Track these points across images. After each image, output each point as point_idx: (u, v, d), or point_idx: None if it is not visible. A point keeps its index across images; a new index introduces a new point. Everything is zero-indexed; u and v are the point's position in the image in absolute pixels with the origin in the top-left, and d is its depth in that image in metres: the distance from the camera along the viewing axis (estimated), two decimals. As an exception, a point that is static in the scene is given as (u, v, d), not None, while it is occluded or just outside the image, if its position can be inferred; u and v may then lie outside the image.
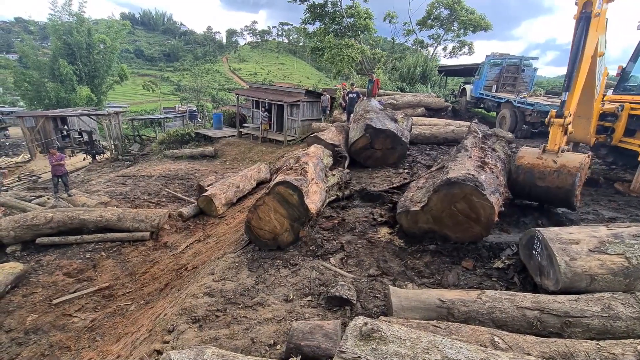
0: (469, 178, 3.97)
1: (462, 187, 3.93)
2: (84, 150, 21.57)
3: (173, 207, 10.10)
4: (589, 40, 4.83)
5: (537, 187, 4.75)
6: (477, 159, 4.77)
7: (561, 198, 4.64)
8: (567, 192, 4.51)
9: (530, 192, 4.92)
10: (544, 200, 5.00)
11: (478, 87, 16.62)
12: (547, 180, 4.64)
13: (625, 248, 2.99)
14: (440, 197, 4.07)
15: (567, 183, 4.48)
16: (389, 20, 28.57)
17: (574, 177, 4.42)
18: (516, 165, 5.00)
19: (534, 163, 4.80)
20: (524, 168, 4.86)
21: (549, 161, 4.68)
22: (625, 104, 6.38)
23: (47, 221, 7.67)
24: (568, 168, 4.50)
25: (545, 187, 4.66)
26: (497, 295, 2.88)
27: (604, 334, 2.58)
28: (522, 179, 4.89)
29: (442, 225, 4.24)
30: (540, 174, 4.71)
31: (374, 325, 1.84)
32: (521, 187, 4.92)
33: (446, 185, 4.00)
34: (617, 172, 7.47)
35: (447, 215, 4.15)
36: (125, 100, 56.45)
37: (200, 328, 3.22)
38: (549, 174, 4.63)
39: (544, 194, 4.77)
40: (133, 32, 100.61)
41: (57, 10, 30.01)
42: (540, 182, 4.71)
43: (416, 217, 4.33)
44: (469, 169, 4.26)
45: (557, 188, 4.55)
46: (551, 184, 4.59)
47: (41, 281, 6.46)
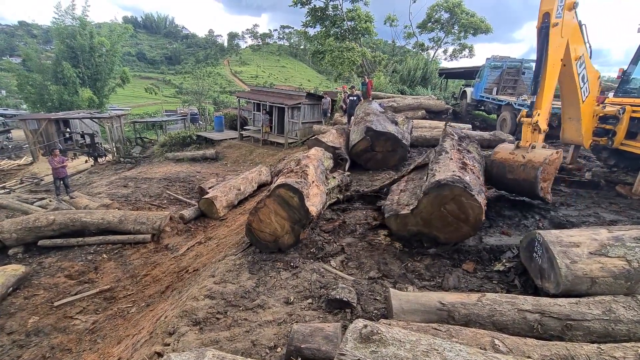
0: (457, 179, 4.03)
1: (452, 188, 3.97)
2: (86, 153, 21.66)
3: (174, 209, 10.12)
4: (552, 48, 5.32)
5: (507, 179, 5.27)
6: (457, 160, 4.87)
7: (526, 189, 5.14)
8: (530, 184, 4.97)
9: (501, 183, 5.49)
10: (513, 191, 5.58)
11: (479, 89, 16.63)
12: (515, 173, 5.14)
13: (626, 251, 2.99)
14: (430, 200, 4.10)
15: (531, 176, 4.94)
16: (390, 23, 28.66)
17: (536, 170, 4.86)
18: (491, 159, 5.55)
19: (506, 158, 5.32)
20: (497, 162, 5.42)
21: (519, 156, 5.17)
22: (627, 107, 6.37)
23: (49, 223, 7.69)
24: (533, 162, 4.95)
25: (514, 179, 5.17)
26: (497, 298, 2.88)
27: (605, 337, 2.57)
28: (495, 172, 5.45)
29: (432, 227, 4.28)
30: (510, 168, 5.21)
31: (374, 327, 1.84)
32: (494, 179, 5.50)
33: (436, 188, 4.04)
34: (619, 174, 7.45)
35: (436, 217, 4.19)
36: (127, 103, 56.74)
37: (200, 330, 3.23)
38: (517, 167, 5.13)
39: (512, 185, 5.30)
40: (135, 35, 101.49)
41: (61, 14, 30.26)
42: (510, 174, 5.22)
43: (405, 220, 4.37)
44: (454, 171, 4.33)
45: (523, 180, 5.04)
46: (518, 176, 5.09)
47: (43, 283, 6.47)
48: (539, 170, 4.87)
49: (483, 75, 16.31)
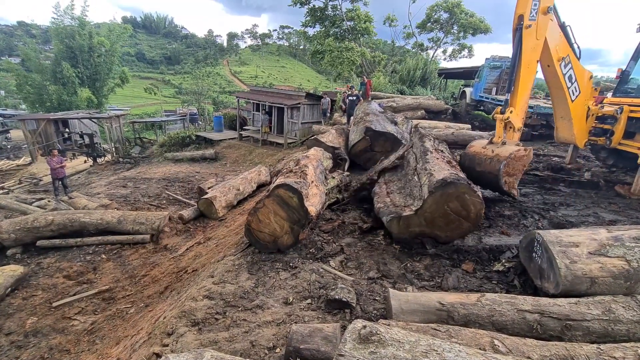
0: (460, 177, 4.07)
1: (457, 186, 3.98)
2: (85, 153, 21.63)
3: (173, 209, 10.10)
4: (527, 48, 5.55)
5: (475, 172, 5.50)
6: (442, 159, 4.89)
7: (490, 181, 5.38)
8: (494, 177, 5.23)
9: (470, 176, 5.51)
10: (480, 183, 5.57)
11: (478, 89, 16.64)
12: (482, 166, 5.44)
13: (625, 251, 2.99)
14: (436, 198, 4.09)
15: (495, 168, 5.20)
16: (389, 23, 28.70)
17: (500, 163, 5.11)
18: (464, 152, 5.89)
19: (478, 151, 5.64)
20: (469, 155, 5.77)
21: (489, 150, 5.45)
22: (625, 107, 6.38)
23: (47, 224, 7.68)
24: (499, 156, 5.21)
25: (481, 172, 5.44)
26: (497, 298, 2.87)
27: (605, 337, 2.57)
28: (466, 164, 5.73)
29: (434, 226, 4.27)
30: (479, 160, 5.52)
31: (373, 328, 1.83)
32: (465, 171, 5.53)
33: (442, 186, 4.03)
34: (618, 174, 7.46)
35: (439, 216, 4.18)
36: (127, 103, 56.70)
37: (199, 331, 3.22)
38: (485, 160, 5.42)
39: (479, 177, 5.44)
40: (135, 35, 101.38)
41: (60, 14, 30.21)
42: (478, 167, 5.51)
43: (408, 221, 4.33)
44: (448, 169, 4.37)
45: (488, 172, 5.32)
46: (484, 168, 5.39)
47: (41, 284, 6.46)
48: (503, 163, 5.09)
49: (482, 75, 16.32)
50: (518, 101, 5.71)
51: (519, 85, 5.66)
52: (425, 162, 4.88)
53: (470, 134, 11.24)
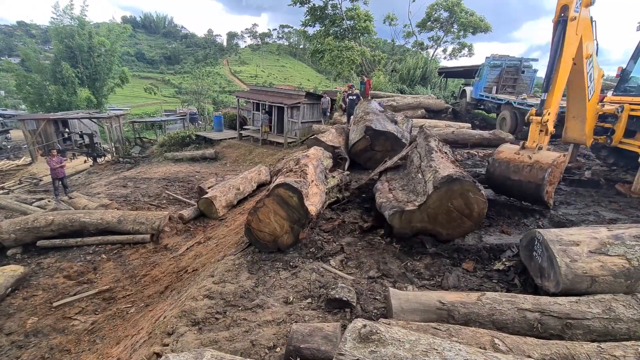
0: (465, 174, 4.06)
1: (462, 183, 3.97)
2: (85, 153, 21.63)
3: (174, 209, 10.10)
4: (567, 43, 5.14)
5: (511, 181, 5.03)
6: (446, 159, 4.88)
7: (531, 192, 4.87)
8: (536, 187, 4.73)
9: (503, 185, 5.20)
10: (516, 194, 5.21)
11: (478, 88, 16.63)
12: (520, 174, 4.90)
13: (626, 249, 2.98)
14: (440, 195, 4.07)
15: (538, 177, 4.70)
16: (389, 22, 28.66)
17: (544, 172, 4.64)
18: (493, 158, 5.31)
19: (511, 158, 5.11)
20: (501, 161, 5.18)
21: (524, 157, 4.97)
22: (625, 105, 6.37)
23: (47, 224, 7.68)
24: (540, 163, 4.74)
25: (518, 181, 4.93)
26: (497, 297, 2.87)
27: (605, 335, 2.57)
28: (497, 172, 5.21)
29: (436, 223, 4.26)
30: (515, 168, 4.97)
31: (373, 327, 1.83)
32: (496, 179, 5.23)
33: (447, 182, 4.02)
34: (618, 173, 7.45)
35: (442, 212, 4.16)
36: (127, 103, 56.70)
37: (199, 331, 3.21)
38: (523, 168, 4.88)
39: (515, 187, 5.01)
40: (134, 35, 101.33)
41: (59, 14, 30.20)
42: (514, 175, 4.96)
43: (411, 216, 4.31)
44: (452, 167, 4.35)
45: (528, 182, 4.80)
46: (523, 177, 4.86)
47: (41, 284, 6.46)
48: (547, 172, 4.61)
49: (482, 74, 16.31)
50: (554, 102, 5.26)
51: (556, 84, 5.20)
52: (430, 160, 4.85)
53: (471, 133, 11.24)
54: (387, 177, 5.83)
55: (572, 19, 5.06)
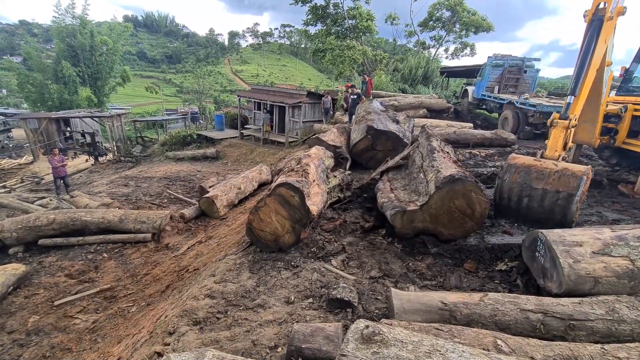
0: (467, 175, 4.03)
1: (465, 183, 3.95)
2: (86, 152, 21.66)
3: (175, 208, 10.11)
4: (599, 45, 4.68)
5: (532, 189, 4.10)
6: (448, 159, 4.83)
7: (559, 205, 3.92)
8: (568, 198, 3.82)
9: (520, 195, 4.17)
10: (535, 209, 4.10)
11: (480, 88, 16.58)
12: (547, 182, 3.96)
13: (629, 250, 2.96)
14: (442, 195, 4.06)
15: (570, 186, 3.79)
16: (391, 21, 28.62)
17: (579, 179, 3.79)
18: (508, 163, 4.43)
19: (532, 164, 4.29)
20: (520, 167, 4.26)
21: (549, 164, 4.20)
22: (629, 105, 6.34)
23: (49, 222, 7.69)
24: (572, 171, 3.94)
25: (543, 190, 3.99)
26: (500, 297, 2.85)
27: (609, 337, 2.55)
28: (513, 180, 4.20)
29: (438, 223, 4.24)
30: (539, 174, 4.06)
31: (376, 328, 1.82)
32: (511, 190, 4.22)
33: (450, 182, 4.00)
34: (621, 173, 7.42)
35: (444, 212, 4.15)
36: (128, 102, 56.80)
37: (201, 330, 3.21)
38: (550, 174, 3.97)
39: (538, 198, 4.05)
40: (136, 34, 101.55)
41: (61, 13, 30.26)
42: (537, 183, 4.04)
43: (413, 216, 4.30)
44: (455, 168, 4.32)
45: (556, 191, 3.90)
46: (551, 186, 3.92)
47: (43, 282, 6.47)
48: (582, 180, 3.76)
49: (484, 73, 16.26)
50: (579, 105, 4.69)
51: (584, 87, 4.66)
52: (432, 160, 4.81)
53: (473, 132, 11.20)
54: (389, 176, 5.82)
55: (608, 19, 4.61)
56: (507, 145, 10.59)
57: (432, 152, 5.09)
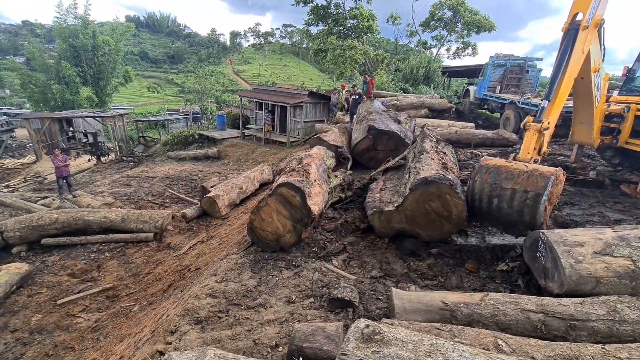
0: (443, 177, 4.04)
1: (439, 185, 3.97)
2: (88, 152, 21.75)
3: (177, 208, 10.14)
4: (575, 54, 4.75)
5: (501, 190, 4.01)
6: (438, 160, 4.84)
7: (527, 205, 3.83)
8: (535, 197, 3.76)
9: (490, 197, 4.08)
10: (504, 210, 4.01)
11: (482, 88, 16.54)
12: (516, 182, 3.92)
13: (631, 250, 2.96)
14: (416, 196, 4.10)
15: (538, 185, 3.76)
16: (392, 21, 28.61)
17: (547, 179, 3.75)
18: (480, 165, 4.34)
19: (502, 164, 4.21)
20: (490, 167, 4.20)
21: (519, 165, 4.14)
22: (632, 105, 6.31)
23: (52, 222, 7.73)
24: (541, 171, 3.90)
25: (511, 190, 3.93)
26: (500, 297, 2.85)
27: (610, 337, 2.55)
28: (483, 181, 4.14)
29: (415, 224, 4.28)
30: (509, 174, 4.02)
31: (376, 327, 1.83)
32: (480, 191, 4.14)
33: (423, 184, 4.04)
34: (623, 173, 7.39)
35: (420, 214, 4.18)
36: (130, 102, 56.97)
37: (202, 329, 3.22)
38: (519, 175, 3.94)
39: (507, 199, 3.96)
40: (138, 34, 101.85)
41: (63, 13, 30.40)
42: (506, 183, 3.99)
43: (390, 217, 4.36)
44: (437, 170, 4.33)
45: (524, 191, 3.85)
46: (520, 186, 3.88)
47: (46, 281, 6.50)
48: (550, 180, 3.73)
49: (486, 73, 16.22)
50: (554, 112, 4.72)
51: (558, 96, 4.71)
52: (417, 162, 4.88)
53: (474, 132, 11.18)
54: (386, 176, 5.85)
55: (584, 28, 4.69)
56: (509, 145, 10.56)
57: (421, 153, 5.13)
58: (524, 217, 3.90)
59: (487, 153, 9.62)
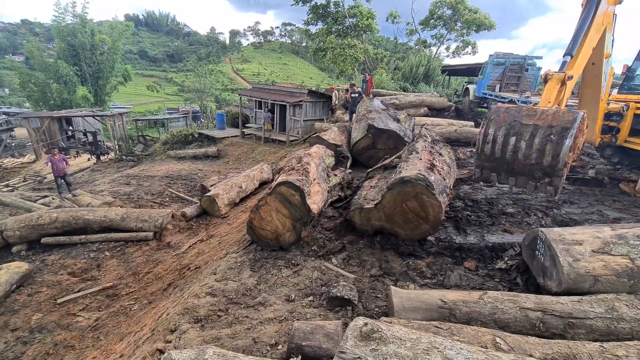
0: (420, 177, 4.05)
1: (414, 185, 3.99)
2: (88, 151, 21.75)
3: (176, 207, 10.14)
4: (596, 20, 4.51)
5: (521, 126, 3.60)
6: (426, 161, 4.86)
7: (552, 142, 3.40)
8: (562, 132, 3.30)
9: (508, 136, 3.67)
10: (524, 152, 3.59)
11: (481, 86, 16.54)
12: (538, 118, 3.51)
13: (629, 249, 2.96)
14: (394, 195, 4.12)
15: (567, 119, 3.34)
16: (392, 20, 28.57)
17: (575, 115, 3.37)
18: (497, 106, 4.06)
19: (523, 107, 3.96)
20: (510, 108, 3.88)
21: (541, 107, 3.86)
22: (631, 104, 6.31)
23: (51, 221, 7.73)
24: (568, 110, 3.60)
25: (533, 126, 3.51)
26: (499, 296, 2.86)
27: (608, 335, 2.56)
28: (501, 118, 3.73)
29: (393, 223, 4.31)
30: (530, 112, 3.65)
31: (374, 325, 1.84)
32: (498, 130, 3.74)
33: (399, 184, 4.06)
34: (622, 172, 7.40)
35: (398, 213, 4.21)
36: (130, 101, 56.92)
37: (202, 328, 3.24)
38: (543, 112, 3.55)
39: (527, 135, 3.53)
40: (137, 33, 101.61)
41: (61, 12, 30.33)
42: (528, 119, 3.57)
43: (369, 214, 4.40)
44: (420, 170, 4.35)
45: (549, 127, 3.41)
46: (542, 121, 3.46)
47: (46, 280, 6.51)
48: (579, 116, 3.33)
49: (486, 72, 16.22)
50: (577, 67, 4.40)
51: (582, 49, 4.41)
52: (405, 161, 4.90)
53: (474, 131, 11.18)
54: (381, 175, 5.87)
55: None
56: (509, 144, 10.55)
57: (411, 152, 5.14)
58: (545, 158, 3.47)
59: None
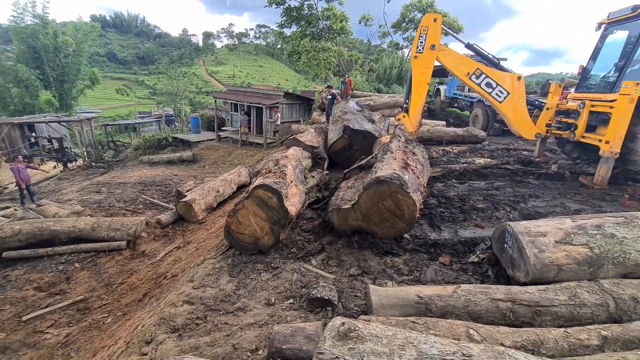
0: (395, 177, 4.19)
1: (390, 185, 4.11)
2: (54, 158, 20.66)
3: (151, 214, 9.83)
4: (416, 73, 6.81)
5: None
6: (401, 160, 5.02)
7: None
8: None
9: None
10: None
11: (451, 87, 17.09)
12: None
13: (588, 238, 3.17)
14: (370, 195, 4.23)
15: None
16: (365, 22, 28.93)
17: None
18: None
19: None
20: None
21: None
22: (586, 102, 6.72)
23: (14, 233, 7.29)
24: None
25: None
26: (472, 288, 2.97)
27: (572, 321, 2.71)
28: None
29: (370, 222, 4.42)
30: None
31: (351, 324, 1.87)
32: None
33: (375, 184, 4.18)
34: (582, 166, 7.87)
35: (375, 213, 4.32)
36: (98, 106, 54.58)
37: (179, 337, 3.16)
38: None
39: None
40: (104, 34, 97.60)
41: (19, 12, 28.67)
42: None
43: (347, 214, 4.48)
44: (394, 169, 4.49)
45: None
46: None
47: (9, 297, 6.13)
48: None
49: (456, 73, 16.74)
50: (411, 110, 6.93)
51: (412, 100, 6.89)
52: (380, 161, 5.01)
53: (445, 130, 11.55)
54: (358, 175, 5.96)
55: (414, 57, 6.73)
56: (478, 142, 10.99)
57: (386, 152, 5.26)
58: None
59: (459, 150, 9.97)
